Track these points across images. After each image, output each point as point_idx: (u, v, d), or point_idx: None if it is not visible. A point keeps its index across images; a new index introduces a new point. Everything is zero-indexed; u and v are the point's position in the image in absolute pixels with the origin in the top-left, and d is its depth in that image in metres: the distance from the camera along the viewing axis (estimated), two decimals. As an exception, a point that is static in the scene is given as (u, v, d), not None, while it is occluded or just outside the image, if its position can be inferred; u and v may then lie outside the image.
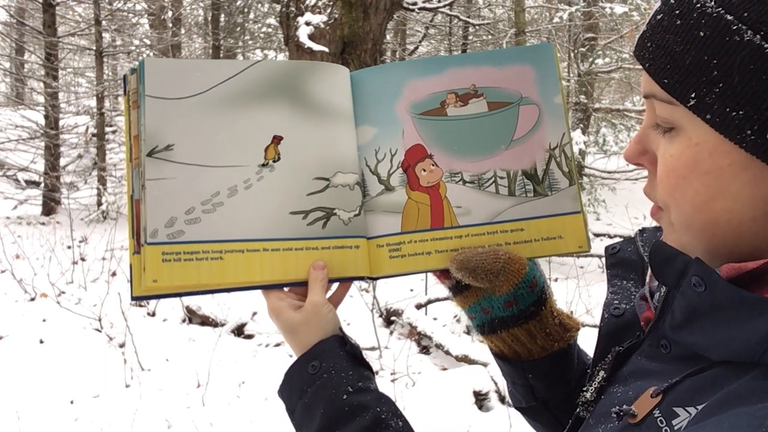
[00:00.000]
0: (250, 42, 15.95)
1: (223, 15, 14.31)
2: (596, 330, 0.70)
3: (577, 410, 0.61)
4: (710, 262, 0.51)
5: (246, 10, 14.80)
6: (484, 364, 3.72)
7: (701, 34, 0.47)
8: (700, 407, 0.46)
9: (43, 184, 9.93)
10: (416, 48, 16.85)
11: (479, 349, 3.96)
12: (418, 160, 0.83)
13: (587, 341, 0.70)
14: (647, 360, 0.57)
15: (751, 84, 0.45)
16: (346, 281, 0.83)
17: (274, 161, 0.80)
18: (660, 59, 0.50)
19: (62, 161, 10.39)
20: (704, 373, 0.48)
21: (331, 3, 5.66)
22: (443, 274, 0.82)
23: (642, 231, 0.72)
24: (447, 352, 4.11)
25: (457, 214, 0.82)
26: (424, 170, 0.83)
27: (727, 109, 0.46)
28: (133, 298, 0.77)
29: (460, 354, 4.01)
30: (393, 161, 0.83)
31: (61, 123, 10.22)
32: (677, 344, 0.53)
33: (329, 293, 0.82)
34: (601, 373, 0.60)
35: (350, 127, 0.84)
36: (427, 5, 7.46)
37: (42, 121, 10.13)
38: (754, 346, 0.45)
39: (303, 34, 5.64)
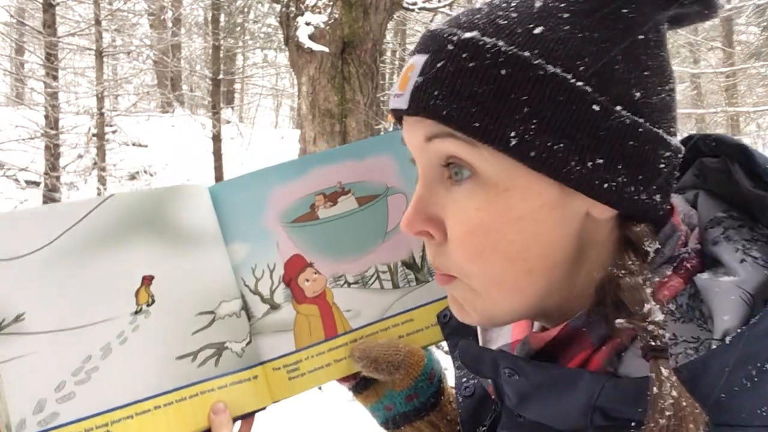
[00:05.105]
0: (250, 42, 15.98)
1: (223, 15, 14.33)
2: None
3: None
4: (522, 316, 0.51)
5: (246, 10, 14.82)
6: (484, 364, 3.72)
7: (503, 72, 0.44)
8: None
9: (43, 184, 9.94)
10: (416, 48, 16.84)
11: (479, 349, 3.95)
12: (299, 271, 0.80)
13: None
14: None
15: (563, 115, 0.44)
16: (249, 416, 0.76)
17: (148, 305, 0.71)
18: (461, 103, 0.45)
19: (62, 161, 10.40)
20: None
21: (331, 3, 5.67)
22: (344, 377, 0.81)
23: None
24: (447, 352, 4.11)
25: (348, 318, 0.80)
26: (308, 280, 0.80)
27: (549, 144, 0.44)
28: None
29: (459, 354, 4.01)
30: (273, 277, 0.78)
31: (61, 123, 10.23)
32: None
33: None
34: None
35: (221, 248, 0.77)
36: (427, 5, 7.47)
37: (42, 121, 10.14)
38: (579, 416, 0.45)
39: (303, 34, 5.65)
